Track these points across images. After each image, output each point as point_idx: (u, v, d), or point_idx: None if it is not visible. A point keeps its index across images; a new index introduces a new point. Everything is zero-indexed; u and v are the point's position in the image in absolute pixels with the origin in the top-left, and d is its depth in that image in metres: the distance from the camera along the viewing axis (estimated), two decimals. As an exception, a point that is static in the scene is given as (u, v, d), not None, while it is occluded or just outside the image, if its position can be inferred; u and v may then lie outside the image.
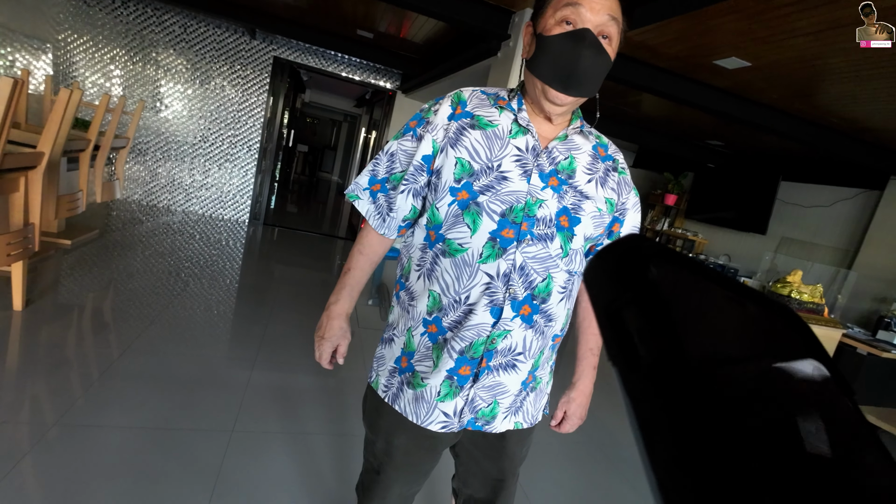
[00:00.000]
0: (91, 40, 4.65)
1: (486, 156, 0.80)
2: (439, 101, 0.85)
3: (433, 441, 0.88)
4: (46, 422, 1.61)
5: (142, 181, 5.13)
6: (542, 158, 0.81)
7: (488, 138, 0.81)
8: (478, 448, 0.94)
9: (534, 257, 0.79)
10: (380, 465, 0.92)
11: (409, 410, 0.84)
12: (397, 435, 0.88)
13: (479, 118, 0.82)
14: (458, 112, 0.83)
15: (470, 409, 0.84)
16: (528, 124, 0.82)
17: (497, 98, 0.85)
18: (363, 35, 4.34)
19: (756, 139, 4.59)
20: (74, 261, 3.13)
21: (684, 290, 0.16)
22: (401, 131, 0.88)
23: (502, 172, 0.79)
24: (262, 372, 2.25)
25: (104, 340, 2.23)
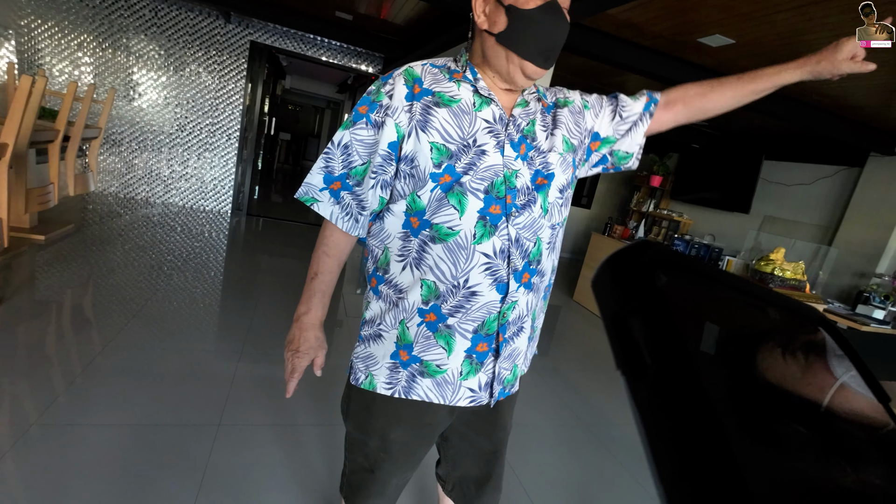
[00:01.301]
0: (56, 26, 4.44)
1: (458, 134, 0.77)
2: (388, 82, 0.79)
3: (430, 428, 0.87)
4: (27, 421, 1.56)
5: (118, 173, 4.98)
6: (511, 128, 0.80)
7: (455, 115, 0.78)
8: (471, 426, 0.93)
9: (524, 227, 0.79)
10: (374, 464, 0.89)
11: (432, 395, 0.82)
12: (393, 430, 0.85)
13: (441, 94, 0.78)
14: (416, 91, 0.78)
15: (498, 382, 0.84)
16: (489, 94, 0.80)
17: (450, 70, 0.82)
18: (342, 17, 4.22)
19: (739, 118, 4.61)
20: (50, 257, 3.03)
21: (693, 298, 0.16)
22: (350, 119, 0.81)
23: (480, 147, 0.77)
24: (248, 364, 2.22)
25: (85, 337, 2.17)
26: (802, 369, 0.17)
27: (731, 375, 0.16)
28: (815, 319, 0.17)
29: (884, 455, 0.16)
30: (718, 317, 0.16)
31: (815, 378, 0.17)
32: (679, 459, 0.13)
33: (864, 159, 4.22)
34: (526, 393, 2.55)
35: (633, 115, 0.91)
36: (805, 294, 3.06)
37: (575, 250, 7.34)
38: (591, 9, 2.35)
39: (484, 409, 0.89)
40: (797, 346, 0.17)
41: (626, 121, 0.92)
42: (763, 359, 0.17)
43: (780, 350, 0.17)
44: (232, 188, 5.35)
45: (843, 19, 2.16)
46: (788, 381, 0.17)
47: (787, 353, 0.17)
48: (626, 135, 0.93)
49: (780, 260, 3.15)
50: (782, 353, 0.17)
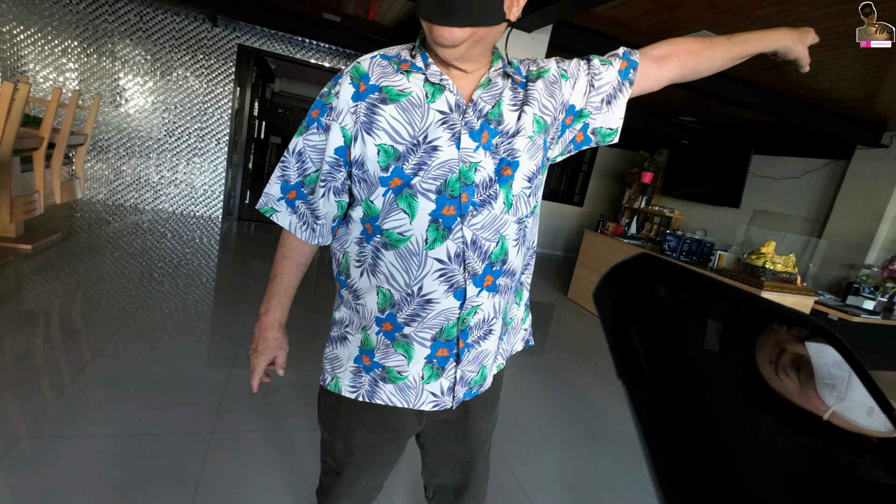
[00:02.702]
0: (39, 31, 4.38)
1: (408, 132, 0.71)
2: (338, 81, 0.74)
3: (396, 432, 0.85)
4: (15, 433, 1.53)
5: (105, 180, 4.92)
6: (469, 114, 0.72)
7: (405, 110, 0.71)
8: (442, 434, 0.90)
9: (482, 227, 0.73)
10: (339, 466, 0.88)
11: (396, 400, 0.80)
12: (356, 433, 0.84)
13: (388, 89, 0.72)
14: (362, 89, 0.72)
15: (462, 384, 0.81)
16: (441, 78, 0.72)
17: (399, 61, 0.74)
18: (330, 18, 4.20)
19: (727, 113, 4.65)
20: (37, 266, 2.99)
21: (689, 308, 0.16)
22: (304, 125, 0.77)
23: (431, 143, 0.70)
24: (241, 370, 2.19)
25: (74, 346, 2.14)
26: (797, 387, 0.17)
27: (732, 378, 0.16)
28: (817, 329, 0.17)
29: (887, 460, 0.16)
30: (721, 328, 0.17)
31: (810, 399, 0.17)
32: (676, 462, 0.14)
33: (851, 152, 4.28)
34: (521, 390, 2.55)
35: (606, 84, 0.81)
36: (796, 286, 3.09)
37: (568, 248, 7.36)
38: (579, 6, 2.35)
39: (455, 417, 0.87)
40: (787, 362, 0.17)
41: (599, 91, 0.81)
42: (762, 368, 0.17)
43: (773, 367, 0.17)
44: (222, 193, 5.30)
45: (827, 13, 2.18)
46: (787, 393, 0.17)
47: (780, 370, 0.17)
48: (605, 108, 0.82)
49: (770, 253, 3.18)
50: (775, 369, 0.17)
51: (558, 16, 2.56)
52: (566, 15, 2.53)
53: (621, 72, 0.81)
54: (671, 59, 0.84)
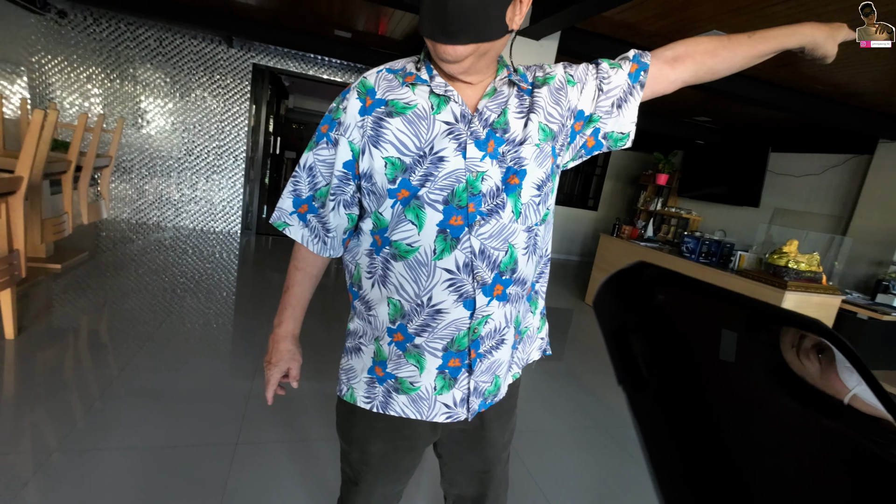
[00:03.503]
0: (65, 60, 4.58)
1: (414, 144, 0.71)
2: (346, 97, 0.76)
3: (411, 441, 0.85)
4: (47, 448, 1.58)
5: (129, 199, 5.08)
6: (475, 123, 0.72)
7: (411, 123, 0.72)
8: (458, 443, 0.90)
9: (490, 236, 0.73)
10: (357, 476, 0.88)
11: (409, 412, 0.80)
12: (372, 442, 0.84)
13: (394, 103, 0.73)
14: (368, 103, 0.73)
15: (476, 395, 0.80)
16: (446, 90, 0.72)
17: (405, 74, 0.75)
18: (341, 35, 4.29)
19: (743, 112, 4.58)
20: (66, 284, 3.09)
21: (688, 313, 0.17)
22: (314, 140, 0.79)
23: (437, 154, 0.71)
24: (262, 382, 2.22)
25: (102, 361, 2.20)
26: (819, 370, 0.17)
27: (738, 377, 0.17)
28: (822, 332, 0.17)
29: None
30: (716, 331, 0.17)
31: (831, 382, 0.17)
32: (678, 465, 0.14)
33: (874, 146, 4.17)
34: (540, 397, 2.52)
35: (616, 87, 0.80)
36: (822, 286, 3.01)
37: (584, 253, 7.29)
38: (587, 12, 2.36)
39: (471, 427, 0.86)
40: (809, 347, 0.18)
41: (608, 95, 0.80)
42: (785, 352, 0.18)
43: (795, 350, 0.18)
44: (240, 208, 5.42)
45: (842, 7, 2.15)
46: (809, 377, 0.17)
47: (802, 353, 0.18)
48: (615, 112, 0.80)
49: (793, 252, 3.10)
50: (797, 353, 0.18)
51: (566, 22, 2.58)
52: (574, 21, 2.54)
53: (631, 75, 0.80)
54: (686, 59, 0.81)
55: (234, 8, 3.95)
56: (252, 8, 3.88)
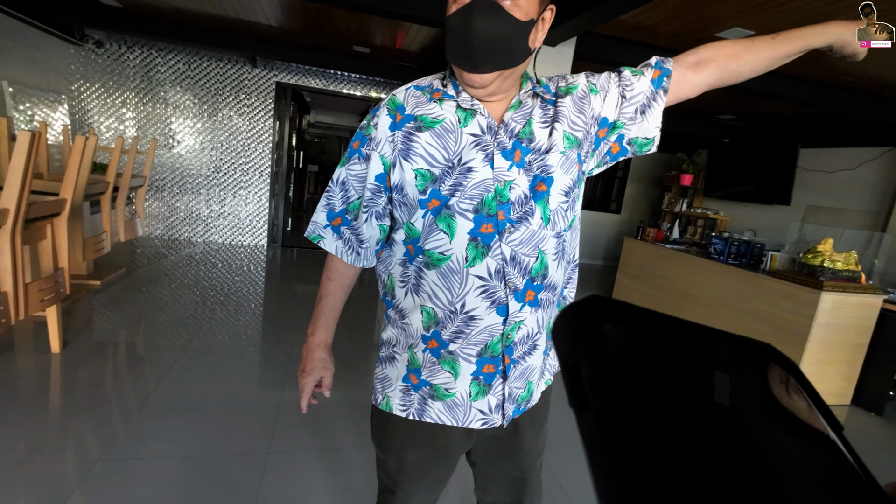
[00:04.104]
0: (102, 87, 4.83)
1: (443, 156, 0.74)
2: (376, 113, 0.79)
3: (446, 450, 0.86)
4: (91, 458, 1.66)
5: (162, 217, 5.29)
6: (501, 135, 0.75)
7: (440, 136, 0.75)
8: (492, 451, 0.90)
9: (520, 243, 0.75)
10: (394, 484, 0.90)
11: (445, 418, 0.81)
12: (408, 451, 0.86)
13: (423, 118, 0.76)
14: (398, 119, 0.77)
15: (510, 402, 0.82)
16: (472, 104, 0.75)
17: (432, 90, 0.78)
18: (359, 50, 4.40)
19: (769, 109, 4.46)
20: (105, 300, 3.24)
21: (631, 342, 0.19)
22: (346, 155, 0.82)
23: (465, 164, 0.74)
24: (292, 392, 2.27)
25: (140, 374, 2.29)
26: (807, 405, 0.18)
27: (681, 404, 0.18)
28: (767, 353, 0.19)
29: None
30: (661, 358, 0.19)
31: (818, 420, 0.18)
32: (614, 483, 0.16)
33: (912, 138, 3.99)
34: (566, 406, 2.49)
35: (639, 94, 0.81)
36: (861, 285, 2.88)
37: (608, 257, 7.18)
38: (603, 17, 2.36)
39: (505, 434, 0.87)
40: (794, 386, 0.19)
41: (631, 102, 0.81)
42: (774, 386, 0.19)
43: (784, 385, 0.19)
44: (266, 222, 5.57)
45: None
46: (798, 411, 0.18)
47: (790, 388, 0.19)
48: (639, 118, 0.81)
49: (828, 251, 2.98)
50: (786, 388, 0.19)
51: (582, 27, 2.58)
52: (590, 26, 2.54)
53: (654, 81, 0.81)
54: (709, 63, 0.82)
55: (258, 30, 4.10)
56: (275, 29, 4.02)
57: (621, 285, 4.69)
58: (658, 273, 4.22)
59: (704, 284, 3.72)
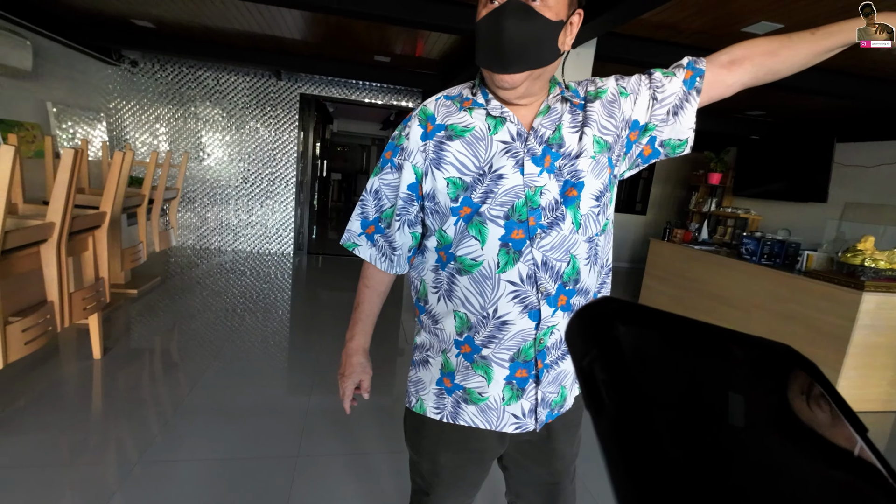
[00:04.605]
0: (137, 104, 5.06)
1: (474, 164, 0.76)
2: (407, 124, 0.81)
3: (479, 454, 0.86)
4: (130, 460, 1.73)
5: (193, 227, 5.48)
6: (531, 141, 0.76)
7: (470, 144, 0.76)
8: (526, 455, 0.90)
9: (551, 248, 0.75)
10: (429, 486, 0.90)
11: (478, 421, 0.82)
12: (442, 453, 0.87)
13: (454, 127, 0.77)
14: (429, 129, 0.79)
15: (543, 406, 0.82)
16: (502, 111, 0.76)
17: (462, 100, 0.80)
18: (381, 60, 4.47)
19: (801, 103, 4.30)
20: (142, 308, 3.37)
21: (645, 344, 0.19)
22: (379, 166, 0.84)
23: (496, 172, 0.75)
24: (319, 397, 2.31)
25: (174, 379, 2.38)
26: (829, 418, 0.18)
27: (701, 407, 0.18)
28: (787, 356, 0.18)
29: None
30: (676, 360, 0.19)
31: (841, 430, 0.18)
32: (631, 486, 0.16)
33: (959, 129, 3.77)
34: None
35: (671, 95, 0.80)
36: (906, 285, 2.73)
37: (634, 259, 7.04)
38: (623, 17, 2.34)
39: (538, 438, 0.87)
40: (818, 393, 0.18)
41: (663, 103, 0.80)
42: (794, 400, 0.18)
43: (805, 398, 0.18)
44: (292, 230, 5.70)
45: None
46: (818, 425, 0.18)
47: (812, 401, 0.18)
48: (671, 119, 0.80)
49: (870, 249, 2.85)
50: (807, 400, 0.18)
51: (602, 28, 2.55)
52: (610, 27, 2.52)
53: (686, 81, 0.80)
54: (743, 62, 0.79)
55: (282, 44, 4.22)
56: (298, 42, 4.13)
57: (648, 288, 4.58)
58: (686, 275, 4.12)
59: (736, 286, 3.60)
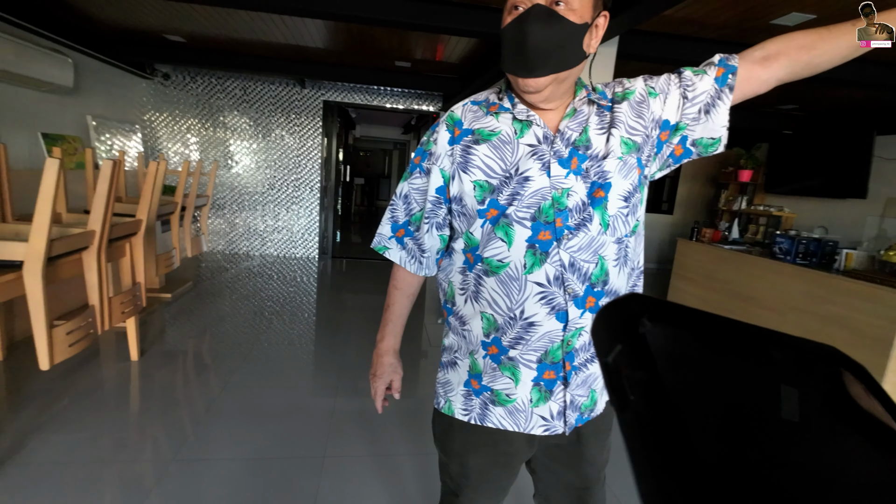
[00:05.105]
0: (170, 115, 5.27)
1: (500, 167, 0.77)
2: (436, 129, 0.84)
3: (508, 457, 0.86)
4: (166, 458, 1.79)
5: (223, 232, 5.65)
6: (557, 143, 0.76)
7: (497, 148, 0.77)
8: (555, 460, 0.90)
9: (579, 249, 0.75)
10: (458, 487, 0.91)
11: (506, 423, 0.82)
12: (470, 455, 0.87)
13: (480, 131, 0.79)
14: (456, 134, 0.80)
15: (573, 409, 0.81)
16: (528, 115, 0.77)
17: (488, 104, 0.81)
18: (401, 65, 4.52)
19: (838, 95, 4.13)
20: (175, 311, 3.50)
21: (673, 342, 0.18)
22: (408, 171, 0.87)
23: (522, 174, 0.76)
24: (344, 398, 2.35)
25: (206, 381, 2.46)
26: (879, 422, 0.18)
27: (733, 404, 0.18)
28: (836, 359, 0.17)
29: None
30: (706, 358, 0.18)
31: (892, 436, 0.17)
32: (656, 482, 0.16)
33: None
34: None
35: (702, 93, 0.78)
36: (956, 285, 2.58)
37: (661, 260, 6.88)
38: (645, 14, 2.30)
39: (567, 442, 0.86)
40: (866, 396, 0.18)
41: (693, 102, 0.78)
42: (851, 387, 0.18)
43: (852, 399, 0.18)
44: (317, 234, 5.81)
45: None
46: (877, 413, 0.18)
47: (860, 403, 0.18)
48: (703, 118, 0.78)
49: (914, 248, 2.70)
50: (854, 402, 0.18)
51: (624, 26, 2.52)
52: (633, 24, 2.48)
53: (718, 79, 0.78)
54: (779, 57, 0.76)
55: (307, 53, 4.33)
56: (321, 51, 4.22)
57: (676, 289, 4.47)
58: (716, 276, 4.00)
59: (769, 287, 3.48)
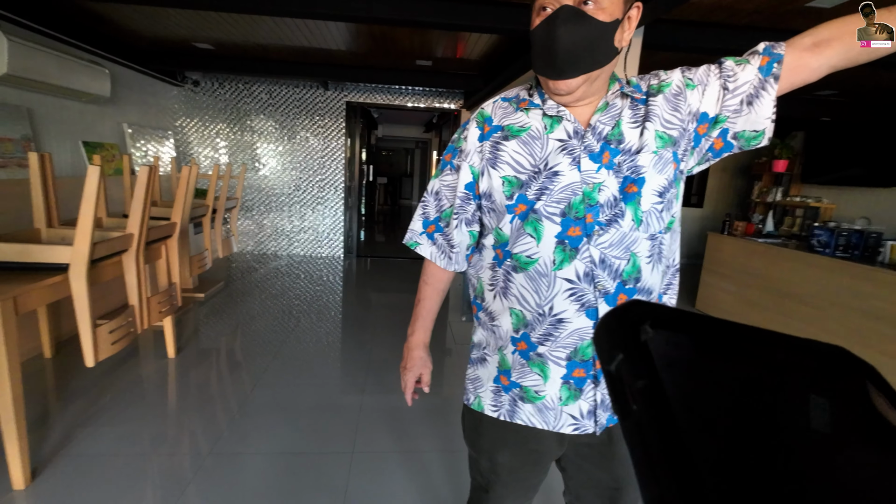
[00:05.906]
0: (200, 120, 5.44)
1: (529, 162, 0.77)
2: (466, 127, 0.84)
3: (538, 455, 0.86)
4: (202, 452, 1.86)
5: (251, 233, 5.81)
6: (588, 138, 0.75)
7: (526, 143, 0.77)
8: (586, 459, 0.88)
9: (610, 245, 0.73)
10: (487, 484, 0.91)
11: (535, 421, 0.82)
12: (500, 452, 0.87)
13: (510, 127, 0.79)
14: (486, 130, 0.81)
15: (603, 409, 0.79)
16: (558, 110, 0.77)
17: (518, 101, 0.81)
18: (422, 64, 4.53)
19: (878, 77, 3.92)
20: (208, 310, 3.62)
21: (676, 349, 0.18)
22: (439, 168, 0.88)
23: (552, 169, 0.75)
24: (372, 395, 2.39)
25: (238, 378, 2.54)
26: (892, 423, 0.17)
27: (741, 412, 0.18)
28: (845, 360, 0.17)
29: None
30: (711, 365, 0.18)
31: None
32: (658, 490, 0.16)
33: None
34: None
35: (744, 84, 0.74)
36: None
37: (690, 254, 6.69)
38: (672, 2, 2.23)
39: (598, 442, 0.84)
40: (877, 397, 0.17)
41: (735, 93, 0.74)
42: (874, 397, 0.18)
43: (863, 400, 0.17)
44: (342, 234, 5.90)
45: None
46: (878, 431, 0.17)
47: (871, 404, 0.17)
48: (745, 109, 0.74)
49: (967, 239, 2.55)
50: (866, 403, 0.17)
51: (650, 16, 2.45)
52: (659, 14, 2.41)
53: (762, 68, 0.73)
54: (831, 42, 0.71)
55: (330, 56, 4.39)
56: (344, 53, 4.28)
57: (707, 285, 4.34)
58: (750, 271, 3.86)
59: (807, 282, 3.34)
